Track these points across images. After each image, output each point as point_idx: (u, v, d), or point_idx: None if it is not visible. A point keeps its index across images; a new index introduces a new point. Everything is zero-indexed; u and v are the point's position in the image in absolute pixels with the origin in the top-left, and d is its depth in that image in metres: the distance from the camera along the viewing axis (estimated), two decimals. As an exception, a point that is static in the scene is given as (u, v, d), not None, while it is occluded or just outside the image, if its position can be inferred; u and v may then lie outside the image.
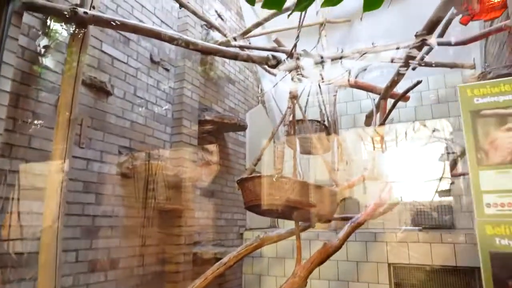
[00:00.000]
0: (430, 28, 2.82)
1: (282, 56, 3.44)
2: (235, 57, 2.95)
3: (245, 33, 4.20)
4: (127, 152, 3.35)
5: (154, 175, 3.43)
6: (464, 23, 4.00)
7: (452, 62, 5.41)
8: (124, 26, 2.62)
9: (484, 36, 3.34)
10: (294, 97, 3.49)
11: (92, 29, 3.03)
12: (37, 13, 2.53)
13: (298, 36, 3.45)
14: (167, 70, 3.98)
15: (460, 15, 3.83)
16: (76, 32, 2.48)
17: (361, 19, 4.04)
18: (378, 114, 4.22)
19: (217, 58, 4.90)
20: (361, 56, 3.61)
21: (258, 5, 4.66)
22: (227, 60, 5.18)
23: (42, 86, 2.61)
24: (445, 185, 5.11)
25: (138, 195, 3.41)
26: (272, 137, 3.73)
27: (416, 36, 2.84)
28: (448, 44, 3.56)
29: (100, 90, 3.12)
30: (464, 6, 3.61)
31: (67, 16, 2.40)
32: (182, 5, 3.74)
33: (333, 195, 2.69)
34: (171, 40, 2.76)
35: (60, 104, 2.38)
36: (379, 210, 3.45)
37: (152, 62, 3.77)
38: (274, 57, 3.23)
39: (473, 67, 5.54)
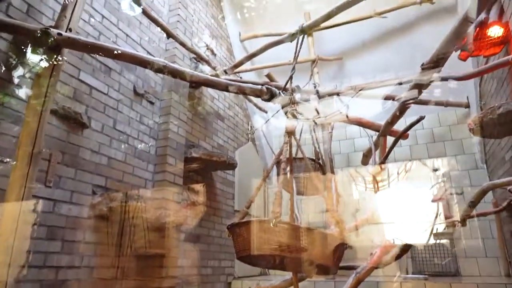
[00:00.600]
0: (436, 62, 2.64)
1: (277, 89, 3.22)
2: (226, 88, 2.69)
3: (236, 66, 4.00)
4: (102, 192, 2.96)
5: (132, 218, 3.03)
6: (463, 58, 3.89)
7: (446, 100, 5.32)
8: (103, 50, 2.35)
9: (490, 70, 3.20)
10: (290, 132, 3.23)
11: (70, 56, 2.76)
12: (4, 33, 2.25)
13: (294, 68, 3.26)
14: (152, 103, 3.69)
15: (459, 51, 3.73)
16: (48, 55, 2.19)
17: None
18: (377, 152, 3.98)
19: (205, 92, 4.67)
20: (359, 91, 3.41)
21: (248, 42, 4.49)
22: (216, 95, 4.95)
23: (4, 115, 2.27)
24: (447, 228, 4.80)
25: (113, 241, 2.98)
26: (266, 176, 3.41)
27: (422, 68, 2.64)
28: (451, 78, 3.41)
29: (74, 122, 2.78)
30: (463, 41, 3.50)
31: (39, 37, 2.12)
32: (170, 36, 3.54)
33: (339, 243, 2.33)
34: (156, 68, 2.49)
35: (22, 135, 2.04)
36: (387, 256, 3.09)
37: (135, 94, 3.48)
38: (268, 89, 2.99)
39: (467, 105, 5.46)
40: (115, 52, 2.30)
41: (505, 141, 4.08)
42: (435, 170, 4.89)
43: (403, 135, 4.08)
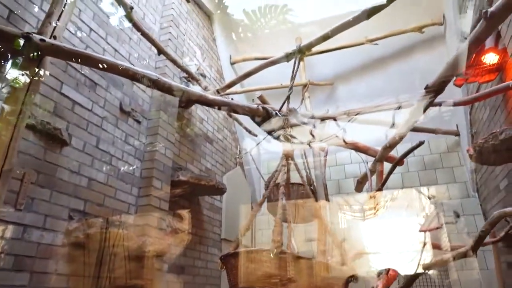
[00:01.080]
0: (439, 87, 2.55)
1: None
2: (221, 107, 2.53)
3: (229, 86, 3.86)
4: (80, 217, 2.68)
5: (112, 246, 2.74)
6: (458, 84, 3.87)
7: (437, 127, 5.30)
8: (90, 61, 2.16)
9: (492, 94, 3.15)
10: (288, 156, 3.07)
11: (53, 68, 2.56)
12: (-20, 39, 2.04)
13: (291, 88, 3.14)
14: (139, 122, 3.48)
15: (454, 77, 3.70)
16: (28, 64, 1.98)
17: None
18: (373, 178, 3.84)
19: (194, 113, 4.49)
20: (356, 115, 3.31)
21: (238, 65, 4.36)
22: (205, 117, 4.77)
23: (-27, 128, 2.02)
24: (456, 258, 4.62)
25: (90, 272, 2.67)
26: (262, 202, 3.21)
27: (426, 90, 2.55)
28: (451, 104, 3.35)
29: (53, 138, 2.54)
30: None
31: (19, 42, 1.92)
32: (161, 52, 3.39)
33: (349, 276, 2.12)
34: (148, 83, 2.31)
35: (-9, 150, 1.79)
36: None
37: (121, 112, 3.27)
38: (264, 109, 2.84)
39: (457, 133, 5.45)
40: (104, 63, 2.11)
41: (499, 169, 4.02)
42: (430, 198, 4.76)
43: (400, 161, 3.97)
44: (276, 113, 2.92)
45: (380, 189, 3.55)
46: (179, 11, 4.24)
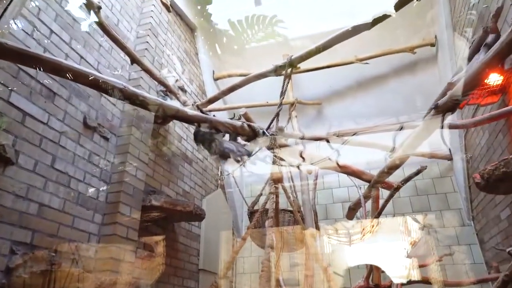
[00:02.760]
0: (451, 106, 2.26)
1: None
2: (202, 122, 2.16)
3: (211, 101, 3.51)
4: (25, 252, 2.21)
5: (62, 288, 2.27)
6: (460, 107, 3.62)
7: (431, 152, 5.06)
8: (41, 62, 1.77)
9: (491, 120, 2.88)
10: (277, 180, 2.70)
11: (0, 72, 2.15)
12: None
13: (281, 104, 2.81)
14: (106, 139, 3.06)
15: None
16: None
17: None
18: (367, 205, 3.50)
19: (171, 130, 4.10)
20: (353, 135, 2.99)
21: (221, 81, 4.03)
22: (184, 135, 4.38)
23: None
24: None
25: (36, 317, 2.19)
26: (246, 237, 2.81)
27: (436, 109, 2.24)
28: (458, 126, 3.08)
29: (-6, 156, 2.10)
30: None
31: None
32: (135, 61, 3.02)
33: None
34: (116, 92, 1.93)
35: None
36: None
37: (85, 127, 2.86)
38: (250, 127, 2.49)
39: (450, 158, 5.21)
40: (59, 67, 1.72)
41: (500, 198, 3.75)
42: (426, 227, 4.44)
43: (390, 186, 3.66)
44: (263, 132, 2.57)
45: (376, 216, 3.21)
46: (158, 21, 3.91)
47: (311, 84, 5.55)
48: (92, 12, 2.86)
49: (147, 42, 3.60)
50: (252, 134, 2.52)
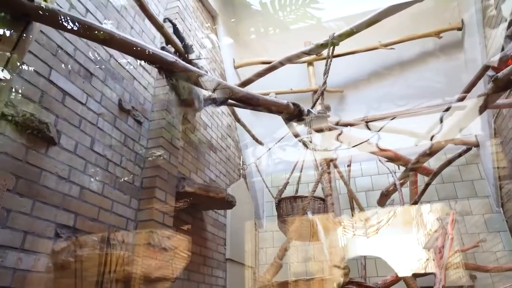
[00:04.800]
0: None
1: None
2: (250, 101, 2.07)
3: (245, 84, 3.42)
4: (69, 235, 2.14)
5: (109, 272, 2.19)
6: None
7: (457, 138, 4.95)
8: (91, 32, 1.68)
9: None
10: (330, 162, 2.60)
11: (40, 49, 2.06)
12: None
13: (325, 82, 2.71)
14: (140, 123, 2.98)
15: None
16: (7, 28, 1.49)
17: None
18: (401, 192, 3.41)
19: (198, 118, 4.01)
20: (392, 119, 2.89)
21: (242, 69, 3.93)
22: (209, 123, 4.30)
23: None
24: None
25: (78, 303, 2.11)
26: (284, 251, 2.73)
27: (494, 81, 2.15)
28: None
29: (38, 135, 2.02)
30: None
31: (-3, 0, 1.44)
32: (169, 42, 2.92)
33: None
34: (162, 65, 1.83)
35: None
36: None
37: (120, 109, 2.77)
38: (296, 105, 2.40)
39: (476, 144, 5.10)
40: (112, 37, 1.63)
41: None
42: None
43: (427, 170, 3.57)
44: (308, 111, 2.48)
45: (415, 202, 3.12)
46: (185, 4, 3.81)
47: (333, 72, 5.43)
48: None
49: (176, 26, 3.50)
50: (297, 113, 2.43)
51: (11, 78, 1.50)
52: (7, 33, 1.50)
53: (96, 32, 1.66)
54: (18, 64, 1.52)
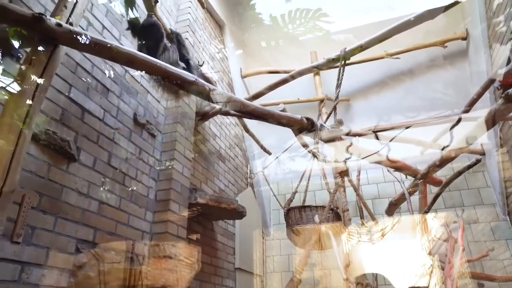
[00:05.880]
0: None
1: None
2: (264, 115, 2.12)
3: (255, 97, 3.46)
4: (89, 250, 2.18)
5: (129, 286, 2.22)
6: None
7: (463, 146, 4.98)
8: (116, 54, 1.72)
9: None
10: (343, 173, 2.65)
11: (61, 67, 2.11)
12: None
13: (337, 97, 2.76)
14: (154, 136, 3.02)
15: (502, 90, 3.40)
16: (37, 53, 1.54)
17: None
18: (412, 201, 3.44)
19: (207, 128, 4.06)
20: (408, 127, 2.93)
21: (248, 78, 3.98)
22: (217, 133, 4.34)
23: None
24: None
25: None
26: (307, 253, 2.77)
27: (504, 95, 2.19)
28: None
29: (59, 152, 2.07)
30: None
31: (30, 26, 1.48)
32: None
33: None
34: (182, 83, 1.88)
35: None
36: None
37: (135, 123, 2.82)
38: (309, 120, 2.44)
39: (482, 153, 5.14)
40: (135, 59, 1.68)
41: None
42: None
43: (436, 181, 3.61)
44: (321, 125, 2.52)
45: (426, 212, 3.15)
46: (195, 17, 3.87)
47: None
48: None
49: (186, 38, 3.56)
50: (310, 127, 2.47)
51: (40, 101, 1.54)
52: (37, 57, 1.54)
53: (120, 54, 1.71)
54: (47, 87, 1.57)
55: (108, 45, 1.68)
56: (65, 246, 2.03)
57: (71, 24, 1.67)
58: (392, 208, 3.82)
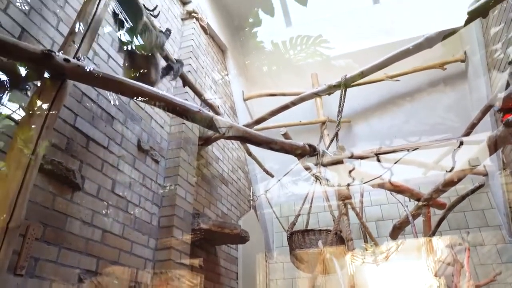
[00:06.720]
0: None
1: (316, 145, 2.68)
2: (267, 143, 2.14)
3: (258, 121, 3.49)
4: (92, 280, 2.16)
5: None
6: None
7: (467, 168, 4.97)
8: (123, 88, 1.76)
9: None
10: (346, 198, 2.65)
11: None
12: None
13: (339, 123, 2.79)
14: (157, 162, 3.04)
15: (502, 113, 3.43)
16: (45, 87, 1.57)
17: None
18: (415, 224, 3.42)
19: (210, 152, 4.07)
20: (412, 151, 2.94)
21: (250, 101, 4.01)
22: (220, 156, 4.35)
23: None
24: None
25: None
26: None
27: (505, 123, 2.21)
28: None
29: (64, 182, 2.08)
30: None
31: (38, 61, 1.52)
32: (186, 83, 3.02)
33: None
34: (188, 115, 1.91)
35: (-5, 199, 1.33)
36: None
37: (139, 150, 2.84)
38: (311, 146, 2.46)
39: (485, 173, 5.13)
40: (142, 92, 1.72)
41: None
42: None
43: (440, 204, 3.60)
44: (323, 152, 2.54)
45: (431, 235, 3.13)
46: (198, 43, 3.95)
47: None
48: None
49: (190, 64, 3.63)
50: (312, 154, 2.49)
51: (48, 134, 1.57)
52: (45, 90, 1.58)
53: (128, 87, 1.74)
54: (55, 120, 1.59)
55: (116, 79, 1.71)
56: (68, 277, 2.01)
57: (78, 58, 1.72)
58: (396, 232, 3.78)
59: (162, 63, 2.85)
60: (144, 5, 2.47)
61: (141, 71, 2.49)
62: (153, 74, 2.54)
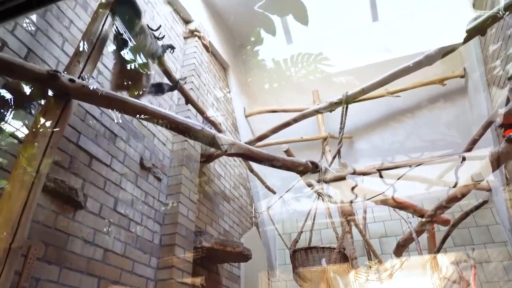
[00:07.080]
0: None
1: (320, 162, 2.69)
2: (270, 160, 2.14)
3: (260, 138, 3.50)
4: (93, 301, 2.13)
5: None
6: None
7: (470, 183, 4.95)
8: (127, 107, 1.77)
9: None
10: (349, 216, 2.63)
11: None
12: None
13: (341, 141, 2.80)
14: (159, 179, 3.03)
15: (503, 129, 3.43)
16: (50, 106, 1.59)
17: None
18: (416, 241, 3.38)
19: (212, 169, 4.07)
20: (415, 167, 2.94)
21: (252, 118, 4.04)
22: (222, 173, 4.35)
23: (-28, 190, 1.56)
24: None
25: None
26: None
27: (506, 139, 2.21)
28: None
29: (67, 201, 2.07)
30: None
31: (45, 83, 1.54)
32: (189, 102, 3.05)
33: None
34: (187, 131, 1.92)
35: (-2, 220, 1.33)
36: None
37: (142, 168, 2.84)
38: (313, 163, 2.46)
39: (488, 188, 5.10)
40: (145, 111, 1.73)
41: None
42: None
43: (444, 221, 3.56)
44: (326, 169, 2.54)
45: (436, 252, 3.09)
46: (200, 61, 4.00)
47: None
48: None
49: (192, 82, 3.66)
50: (314, 171, 2.48)
51: (52, 153, 1.57)
52: (50, 110, 1.59)
53: (131, 106, 1.76)
54: (59, 139, 1.60)
55: (119, 98, 1.73)
56: (69, 298, 1.98)
57: (83, 78, 1.74)
58: (400, 249, 3.74)
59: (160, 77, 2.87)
60: (148, 25, 2.51)
61: (130, 78, 2.42)
62: (142, 83, 2.46)
